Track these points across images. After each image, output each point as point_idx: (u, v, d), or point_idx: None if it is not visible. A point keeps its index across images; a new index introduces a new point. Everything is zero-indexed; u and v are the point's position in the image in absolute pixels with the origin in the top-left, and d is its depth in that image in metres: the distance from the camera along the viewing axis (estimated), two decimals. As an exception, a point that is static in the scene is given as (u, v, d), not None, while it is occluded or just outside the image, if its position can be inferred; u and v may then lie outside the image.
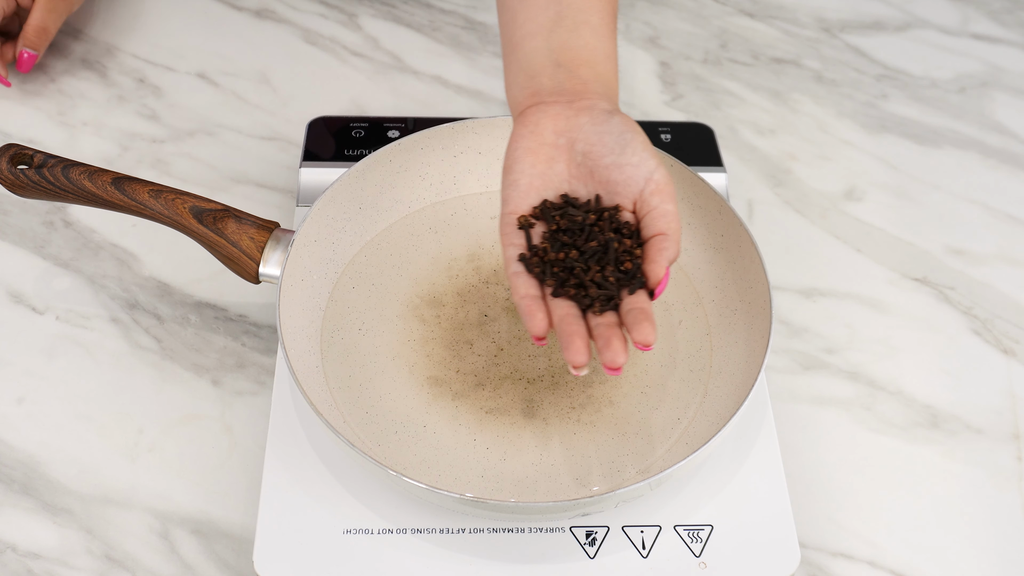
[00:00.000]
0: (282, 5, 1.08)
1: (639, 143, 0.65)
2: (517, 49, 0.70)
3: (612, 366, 0.61)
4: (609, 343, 0.61)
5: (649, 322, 0.61)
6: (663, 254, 0.63)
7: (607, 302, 0.63)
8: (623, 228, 0.65)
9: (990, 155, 0.99)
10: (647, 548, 0.70)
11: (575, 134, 0.66)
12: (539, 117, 0.67)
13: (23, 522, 0.73)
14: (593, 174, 0.66)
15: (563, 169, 0.67)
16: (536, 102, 0.68)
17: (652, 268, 0.63)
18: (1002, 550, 0.75)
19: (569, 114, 0.67)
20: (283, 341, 0.71)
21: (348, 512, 0.71)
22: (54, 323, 0.83)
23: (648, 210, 0.65)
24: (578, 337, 0.62)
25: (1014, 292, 0.89)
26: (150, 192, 0.77)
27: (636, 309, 0.62)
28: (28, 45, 0.96)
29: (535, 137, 0.67)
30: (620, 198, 0.66)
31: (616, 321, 0.63)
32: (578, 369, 0.62)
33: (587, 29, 0.69)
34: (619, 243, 0.65)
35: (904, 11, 1.11)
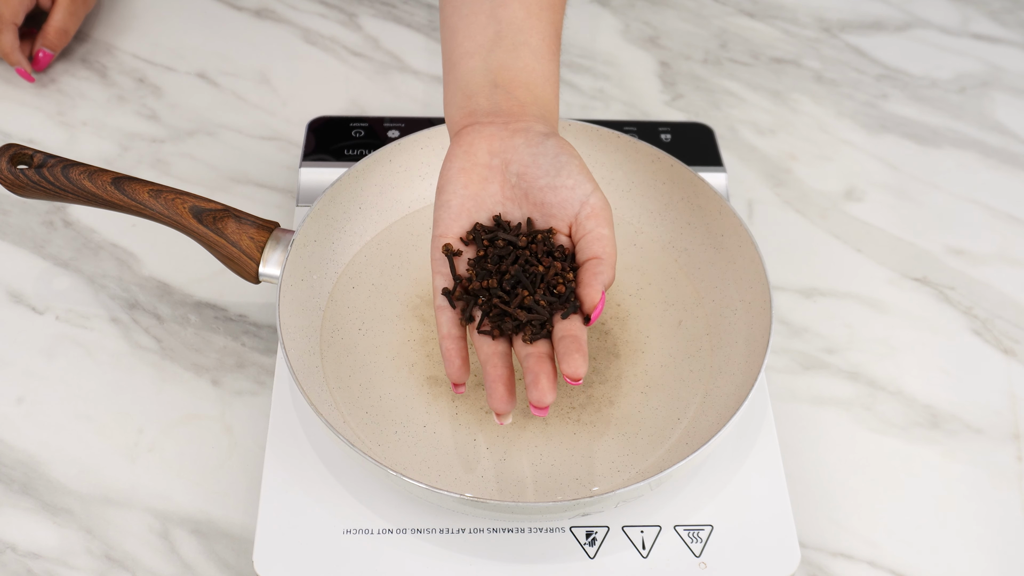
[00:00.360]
0: (282, 5, 1.08)
1: (575, 166, 0.64)
2: (456, 67, 0.70)
3: (538, 405, 0.59)
4: (536, 380, 0.59)
5: (580, 353, 0.59)
6: (598, 278, 0.62)
7: (540, 328, 0.61)
8: (555, 251, 0.64)
9: (990, 155, 0.99)
10: (647, 548, 0.70)
11: (509, 155, 0.65)
12: (474, 137, 0.66)
13: (23, 522, 0.73)
14: (528, 196, 0.65)
15: (497, 190, 0.66)
16: (472, 122, 0.67)
17: (587, 292, 0.62)
18: (1002, 550, 0.75)
19: (504, 135, 0.66)
20: (283, 341, 0.71)
21: (348, 512, 0.71)
22: (54, 323, 0.83)
23: (584, 233, 0.63)
24: (501, 383, 0.60)
25: (1014, 292, 0.89)
26: (150, 192, 0.77)
27: (568, 337, 0.60)
28: (47, 45, 0.97)
29: (469, 157, 0.66)
30: (555, 221, 0.65)
31: (547, 351, 0.61)
32: (501, 418, 0.60)
33: (526, 50, 0.68)
34: (550, 266, 0.63)
35: (904, 11, 1.11)
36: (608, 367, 0.76)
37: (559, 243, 0.64)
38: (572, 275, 0.63)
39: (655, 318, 0.79)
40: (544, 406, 0.59)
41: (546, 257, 0.64)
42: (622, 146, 0.83)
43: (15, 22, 0.95)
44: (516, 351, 0.62)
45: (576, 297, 0.62)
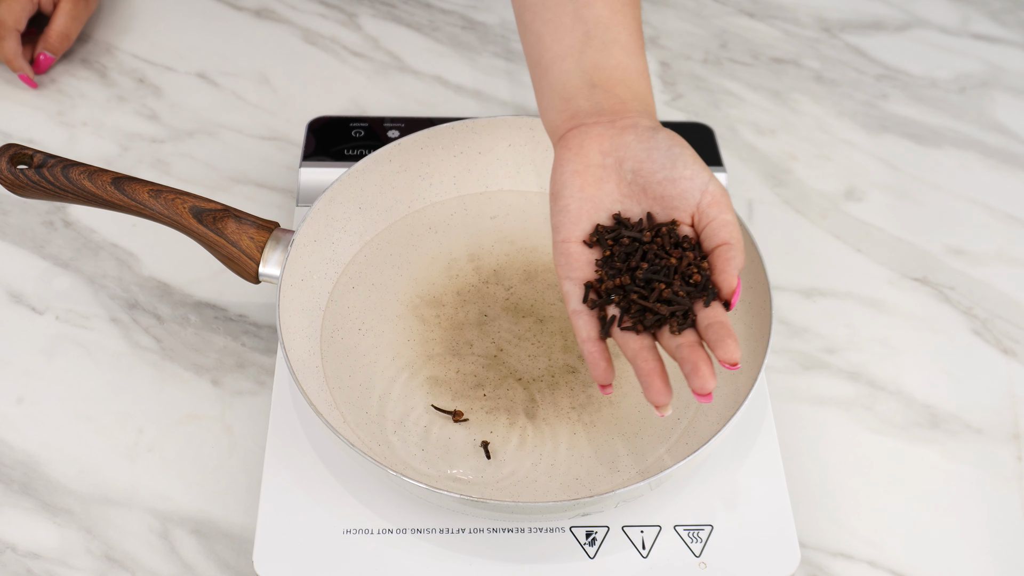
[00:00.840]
0: (282, 5, 1.08)
1: (689, 156, 0.64)
2: (548, 73, 0.69)
3: (702, 393, 0.59)
4: (697, 369, 0.59)
5: (732, 338, 0.59)
6: (731, 263, 0.62)
7: (684, 318, 0.61)
8: (683, 242, 0.64)
9: (990, 155, 0.99)
10: (647, 548, 0.70)
11: (622, 153, 0.65)
12: (582, 139, 0.66)
13: (23, 522, 0.73)
14: (646, 191, 0.65)
15: (613, 189, 0.65)
16: (576, 124, 0.67)
17: (723, 278, 0.61)
18: (1001, 550, 0.75)
19: (613, 133, 0.65)
20: (283, 341, 0.71)
21: (348, 512, 0.71)
22: (54, 323, 0.83)
23: (708, 221, 0.63)
24: (656, 376, 0.60)
25: (1014, 292, 0.89)
26: (150, 192, 0.77)
27: (716, 324, 0.60)
28: (49, 49, 0.97)
29: (581, 159, 0.65)
30: (677, 212, 0.64)
31: (697, 340, 0.61)
32: (662, 409, 0.60)
33: (617, 47, 0.68)
34: (682, 257, 0.63)
35: (904, 11, 1.11)
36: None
37: (684, 234, 0.64)
38: (705, 263, 0.63)
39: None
40: (708, 392, 0.59)
41: (674, 249, 0.63)
42: (622, 146, 0.83)
43: (17, 28, 0.95)
44: (664, 344, 0.62)
45: (713, 284, 0.62)
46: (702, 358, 0.60)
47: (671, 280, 0.62)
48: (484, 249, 0.83)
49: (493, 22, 1.07)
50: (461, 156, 0.85)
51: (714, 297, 0.62)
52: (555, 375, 0.76)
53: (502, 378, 0.76)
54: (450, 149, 0.84)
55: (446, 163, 0.85)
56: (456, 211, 0.85)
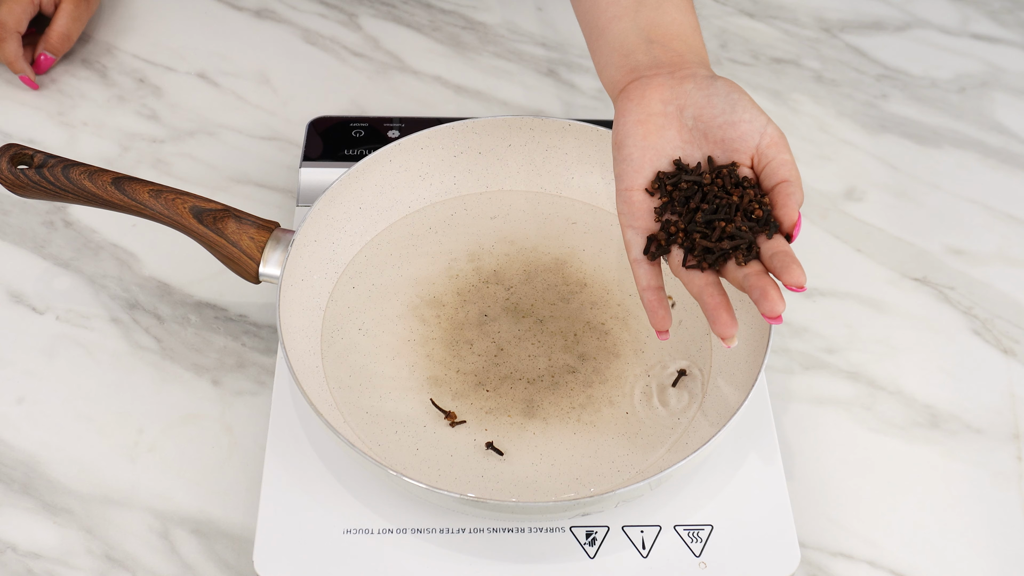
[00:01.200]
0: (282, 5, 1.08)
1: (747, 101, 0.66)
2: (605, 33, 0.72)
3: (773, 315, 0.61)
4: (765, 293, 0.61)
5: (797, 264, 0.61)
6: (792, 198, 0.64)
7: (748, 250, 0.63)
8: (743, 182, 0.65)
9: (990, 155, 0.99)
10: (647, 548, 0.70)
11: (683, 100, 0.67)
12: (643, 90, 0.68)
13: (23, 522, 0.73)
14: (707, 136, 0.67)
15: (675, 135, 0.67)
16: (635, 77, 0.69)
17: (784, 212, 0.64)
18: (1002, 550, 0.75)
19: (673, 83, 0.68)
20: (283, 341, 0.71)
21: (348, 512, 0.71)
22: (54, 323, 0.83)
23: (767, 161, 0.65)
24: (723, 309, 0.62)
25: (1014, 292, 0.89)
26: (150, 192, 0.77)
27: (780, 253, 0.62)
28: (49, 50, 0.97)
29: (642, 109, 0.67)
30: (737, 155, 0.66)
31: (763, 269, 0.63)
32: (728, 340, 0.62)
33: (670, 5, 0.71)
34: (743, 195, 0.65)
35: (904, 11, 1.11)
36: (608, 367, 0.77)
37: (743, 175, 0.66)
38: (767, 200, 0.65)
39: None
40: (777, 315, 0.61)
41: (735, 188, 0.65)
42: (622, 146, 0.83)
43: (18, 30, 0.96)
44: (730, 278, 0.64)
45: (774, 219, 0.64)
46: (770, 284, 0.61)
47: (732, 217, 0.64)
48: (484, 249, 0.83)
49: (493, 22, 1.07)
50: (461, 156, 0.85)
51: (776, 230, 0.63)
52: (555, 375, 0.76)
53: (502, 378, 0.76)
54: (450, 149, 0.84)
55: (446, 163, 0.85)
56: (456, 211, 0.85)
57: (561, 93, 1.01)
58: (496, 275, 0.82)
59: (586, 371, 0.76)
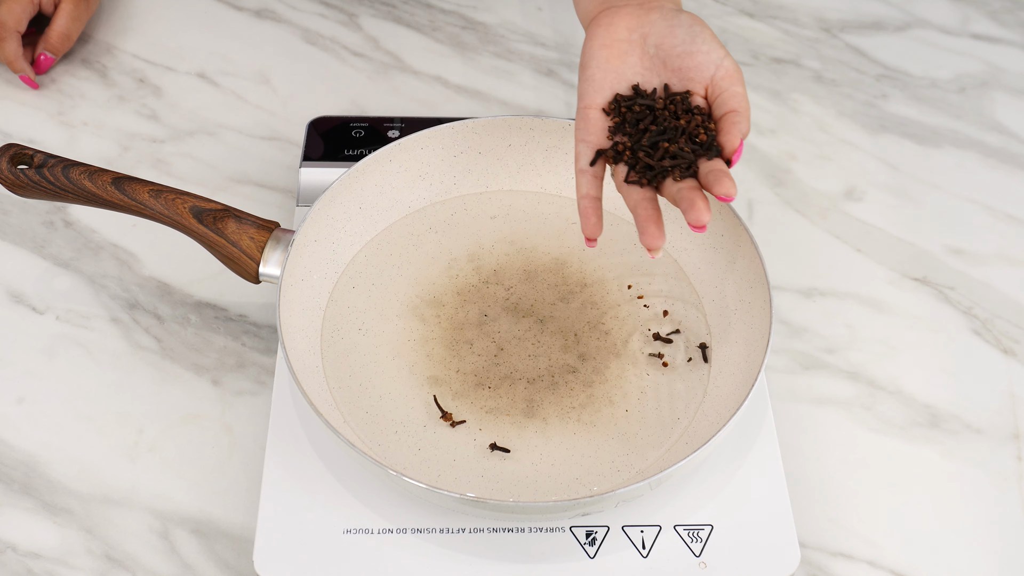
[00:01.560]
0: (282, 5, 1.08)
1: (707, 34, 0.70)
2: None
3: (698, 224, 0.64)
4: (693, 203, 0.64)
5: (729, 179, 0.64)
6: (736, 127, 0.67)
7: (687, 168, 0.66)
8: (694, 109, 0.69)
9: (990, 155, 0.99)
10: (647, 548, 0.70)
11: (647, 29, 0.71)
12: (612, 18, 0.72)
13: (23, 522, 0.73)
14: (666, 63, 0.70)
15: (636, 62, 0.71)
16: (607, 7, 0.73)
17: (727, 139, 0.67)
18: (1002, 550, 0.75)
19: (640, 13, 0.71)
20: (283, 341, 0.71)
21: (348, 512, 0.71)
22: (54, 323, 0.83)
23: (719, 92, 0.68)
24: (652, 222, 0.66)
25: (1014, 292, 0.89)
26: (150, 192, 0.77)
27: (715, 170, 0.65)
28: (49, 50, 0.97)
29: (609, 34, 0.71)
30: (692, 84, 0.70)
31: (696, 185, 0.66)
32: (653, 252, 0.65)
33: None
34: (691, 120, 0.68)
35: (904, 11, 1.11)
36: (608, 367, 0.77)
37: (696, 103, 0.69)
38: (713, 126, 0.68)
39: (656, 318, 0.79)
40: (702, 224, 0.64)
41: (685, 114, 0.69)
42: (622, 146, 0.83)
43: (18, 30, 0.96)
44: (666, 194, 0.67)
45: (717, 144, 0.67)
46: (699, 196, 0.65)
47: (677, 139, 0.67)
48: (484, 249, 0.83)
49: (493, 22, 1.07)
50: (461, 156, 0.85)
51: (717, 154, 0.67)
52: (555, 375, 0.76)
53: (502, 378, 0.76)
54: (450, 149, 0.84)
55: (446, 163, 0.85)
56: (456, 211, 0.85)
57: (561, 93, 1.01)
58: (496, 275, 0.82)
59: (586, 371, 0.76)
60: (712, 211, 0.80)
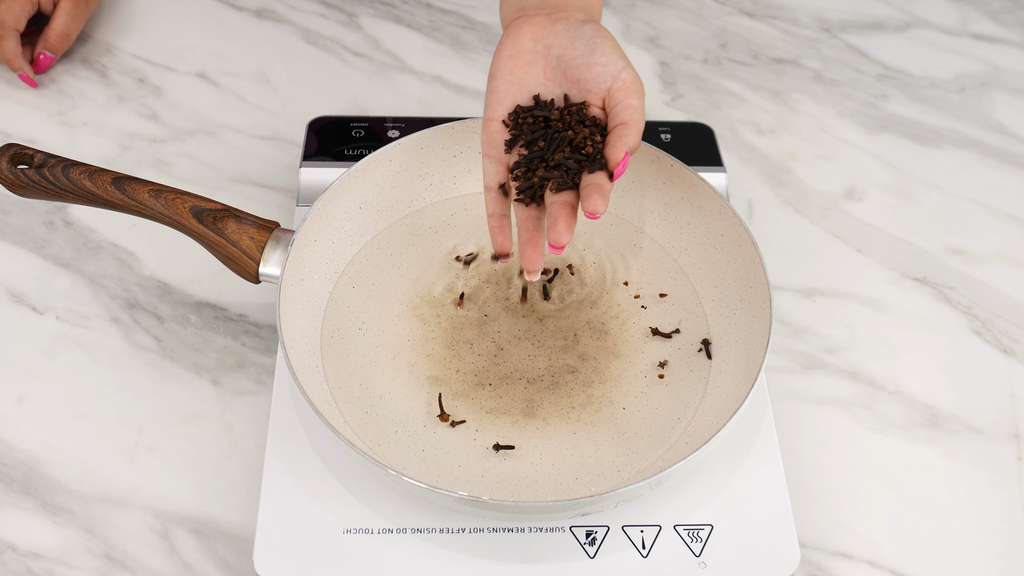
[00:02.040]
0: (282, 5, 1.08)
1: (608, 46, 0.70)
2: None
3: (555, 244, 0.65)
4: (555, 223, 0.66)
5: (601, 195, 0.65)
6: (623, 140, 0.67)
7: (567, 182, 0.67)
8: (587, 120, 0.70)
9: (990, 155, 0.99)
10: (647, 548, 0.70)
11: (550, 39, 0.71)
12: (520, 28, 0.72)
13: (23, 522, 0.73)
14: (566, 75, 0.71)
15: (539, 72, 0.72)
16: (520, 15, 0.73)
17: (611, 152, 0.67)
18: (1002, 550, 0.75)
19: (547, 23, 0.72)
20: (283, 341, 0.71)
21: (348, 512, 0.71)
22: (54, 323, 0.83)
23: (614, 104, 0.69)
24: (529, 246, 0.68)
25: (1014, 292, 0.89)
26: (150, 192, 0.77)
27: (591, 185, 0.66)
28: (49, 49, 0.97)
29: (515, 45, 0.72)
30: (590, 96, 0.70)
31: (570, 201, 0.67)
32: (530, 275, 0.67)
33: None
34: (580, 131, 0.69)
35: (904, 11, 1.11)
36: (608, 367, 0.77)
37: (592, 114, 0.70)
38: (601, 138, 0.69)
39: (655, 318, 0.79)
40: (560, 246, 0.65)
41: (578, 125, 0.70)
42: (622, 146, 0.83)
43: (17, 28, 0.96)
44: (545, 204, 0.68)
45: (602, 156, 0.68)
46: (563, 215, 0.66)
47: (561, 149, 0.68)
48: (484, 249, 0.83)
49: (493, 22, 1.07)
50: (461, 156, 0.85)
51: (600, 167, 0.68)
52: (555, 375, 0.76)
53: (502, 378, 0.76)
54: (450, 149, 0.84)
55: (446, 163, 0.85)
56: (456, 211, 0.85)
57: (561, 93, 1.01)
58: (496, 275, 0.82)
59: (586, 371, 0.76)
60: (711, 211, 0.80)
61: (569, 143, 0.69)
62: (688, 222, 0.82)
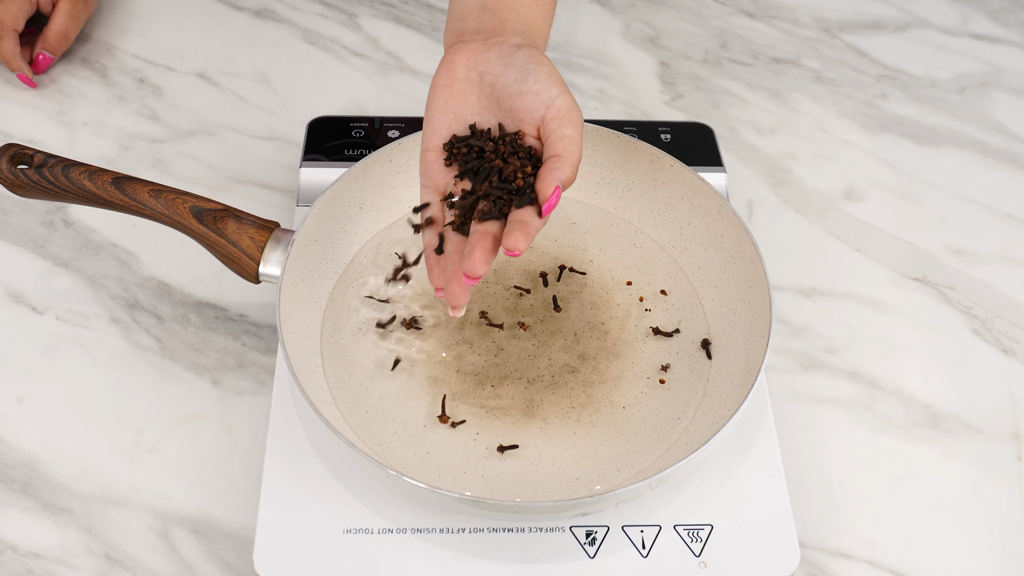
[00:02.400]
0: (282, 5, 1.08)
1: (542, 72, 0.67)
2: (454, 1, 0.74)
3: (468, 274, 0.62)
4: (472, 251, 0.63)
5: (523, 232, 0.63)
6: (554, 173, 0.65)
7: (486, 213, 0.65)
8: (521, 152, 0.67)
9: (990, 155, 0.99)
10: (647, 548, 0.70)
11: (483, 67, 0.69)
12: (455, 54, 0.70)
13: (23, 522, 0.73)
14: (499, 103, 0.69)
15: (474, 101, 0.69)
16: (457, 40, 0.71)
17: (541, 186, 0.65)
18: (1002, 550, 0.75)
19: (481, 49, 0.69)
20: (283, 341, 0.71)
21: (348, 512, 0.71)
22: (54, 323, 0.83)
23: (548, 134, 0.66)
24: (454, 279, 0.64)
25: (1014, 292, 0.89)
26: (150, 192, 0.77)
27: (517, 221, 0.64)
28: (47, 49, 0.97)
29: (449, 73, 0.69)
30: (524, 125, 0.68)
31: (492, 231, 0.64)
32: (455, 311, 0.64)
33: None
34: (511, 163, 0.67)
35: (904, 11, 1.11)
36: (608, 367, 0.77)
37: (527, 144, 0.68)
38: (532, 170, 0.66)
39: (655, 318, 0.79)
40: (475, 276, 0.62)
41: (511, 157, 0.67)
42: (622, 146, 0.83)
43: (15, 28, 0.96)
44: None
45: (532, 191, 0.65)
46: (482, 244, 0.63)
47: (487, 179, 0.66)
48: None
49: (493, 22, 1.07)
50: (461, 156, 0.85)
51: (529, 202, 0.65)
52: (555, 375, 0.76)
53: (502, 378, 0.76)
54: (450, 149, 0.84)
55: (446, 163, 0.85)
56: (456, 211, 0.85)
57: (561, 93, 1.01)
58: (496, 275, 0.82)
59: (586, 371, 0.76)
60: (711, 211, 0.80)
61: (498, 173, 0.66)
62: (688, 222, 0.82)
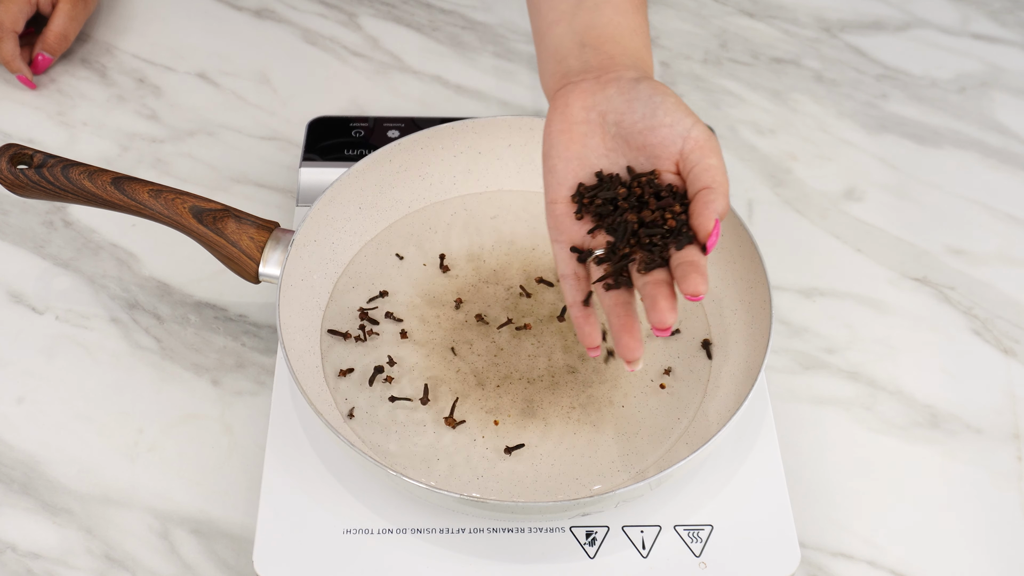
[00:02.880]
0: (282, 5, 1.08)
1: (671, 104, 0.64)
2: (544, 38, 0.70)
3: (660, 327, 0.59)
4: (655, 303, 0.59)
5: (699, 273, 0.59)
6: (709, 207, 0.61)
7: (650, 262, 0.61)
8: (662, 191, 0.63)
9: (990, 155, 0.99)
10: (647, 548, 0.70)
11: (604, 106, 0.65)
12: (567, 97, 0.66)
13: (23, 522, 0.73)
14: (628, 142, 0.65)
15: (598, 143, 0.65)
16: (564, 83, 0.67)
17: (699, 222, 0.61)
18: (1002, 550, 0.75)
19: (596, 88, 0.65)
20: (283, 341, 0.71)
21: (348, 512, 0.71)
22: (54, 323, 0.83)
23: (691, 167, 0.63)
24: (625, 332, 0.61)
25: (1014, 292, 0.89)
26: (150, 192, 0.77)
27: (685, 263, 0.60)
28: (47, 50, 0.97)
29: (565, 118, 0.66)
30: (659, 161, 0.64)
31: (664, 278, 0.61)
32: (631, 364, 0.61)
33: (608, 7, 0.69)
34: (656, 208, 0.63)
35: (904, 11, 1.11)
36: (608, 367, 0.76)
37: (666, 182, 0.64)
38: (680, 208, 0.62)
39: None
40: (666, 327, 0.59)
41: (652, 199, 0.63)
42: (622, 146, 0.83)
43: (15, 29, 0.96)
44: (637, 287, 0.62)
45: (689, 228, 0.62)
46: (662, 293, 0.60)
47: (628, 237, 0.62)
48: (484, 249, 0.83)
49: (493, 22, 1.07)
50: (461, 156, 0.85)
51: (689, 241, 0.61)
52: (555, 375, 0.76)
53: (502, 378, 0.76)
54: (450, 149, 0.84)
55: (446, 163, 0.85)
56: (456, 211, 0.85)
57: (561, 93, 1.01)
58: (496, 275, 0.82)
59: (586, 371, 0.76)
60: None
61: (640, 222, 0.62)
62: (688, 222, 0.82)
